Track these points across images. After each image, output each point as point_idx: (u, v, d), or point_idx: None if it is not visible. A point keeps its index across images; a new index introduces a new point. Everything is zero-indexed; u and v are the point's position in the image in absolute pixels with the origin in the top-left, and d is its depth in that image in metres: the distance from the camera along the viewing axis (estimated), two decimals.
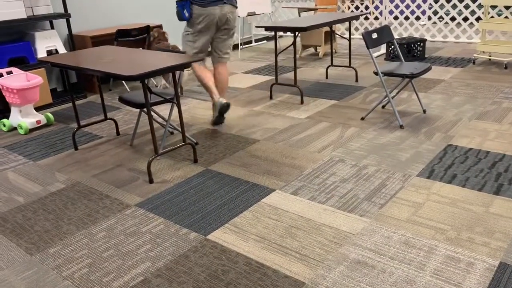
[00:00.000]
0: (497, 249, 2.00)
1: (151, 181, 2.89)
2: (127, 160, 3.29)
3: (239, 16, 6.83)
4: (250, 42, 7.95)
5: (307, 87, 4.91)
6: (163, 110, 4.34)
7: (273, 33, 7.22)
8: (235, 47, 7.49)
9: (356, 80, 5.01)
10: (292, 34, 5.98)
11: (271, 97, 4.61)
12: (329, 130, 3.60)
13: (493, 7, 5.79)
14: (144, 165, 3.17)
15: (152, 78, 5.58)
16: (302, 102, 4.37)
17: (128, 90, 5.31)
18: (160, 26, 5.72)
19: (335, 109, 4.09)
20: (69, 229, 2.43)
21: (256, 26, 4.36)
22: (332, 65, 5.35)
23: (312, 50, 6.98)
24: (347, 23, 7.33)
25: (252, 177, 2.87)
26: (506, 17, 5.52)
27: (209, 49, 3.86)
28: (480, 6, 5.66)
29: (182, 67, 2.85)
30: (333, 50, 6.64)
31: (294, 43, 4.37)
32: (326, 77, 5.27)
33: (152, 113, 3.56)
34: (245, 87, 5.08)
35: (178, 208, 2.54)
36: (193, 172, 3.00)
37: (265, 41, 8.14)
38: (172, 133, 3.77)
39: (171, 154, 3.32)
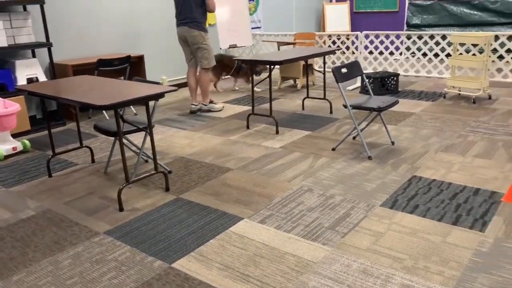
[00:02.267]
0: (450, 277, 2.08)
1: (121, 209, 2.93)
2: (100, 187, 3.32)
3: (220, 48, 7.02)
4: None
5: (284, 117, 5.04)
6: (140, 138, 4.41)
7: None
8: None
9: (331, 112, 5.16)
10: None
11: (247, 127, 4.71)
12: (301, 160, 3.69)
13: (462, 44, 6.07)
14: (116, 193, 3.20)
15: (132, 107, 5.66)
16: (277, 132, 4.48)
17: (107, 118, 5.37)
18: (141, 57, 5.85)
19: (309, 140, 4.20)
20: (35, 256, 2.43)
21: (234, 59, 4.49)
22: (308, 97, 5.51)
23: (291, 82, 7.17)
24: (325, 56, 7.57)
25: (222, 205, 2.93)
26: (474, 54, 5.79)
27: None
28: (449, 43, 5.94)
29: (156, 97, 2.93)
30: (311, 83, 6.83)
31: (269, 76, 4.52)
32: (303, 109, 5.42)
33: (126, 141, 3.62)
34: (223, 117, 5.19)
35: (145, 237, 2.58)
36: (164, 200, 3.04)
37: None
38: (147, 161, 3.82)
39: (144, 182, 3.36)
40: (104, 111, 5.55)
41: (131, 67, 5.74)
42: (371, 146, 3.91)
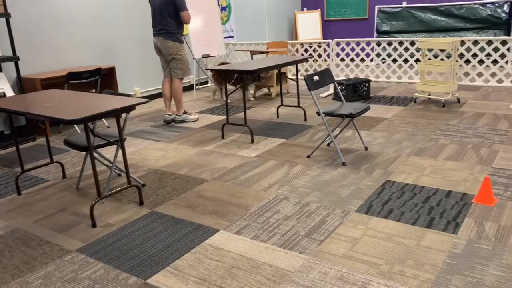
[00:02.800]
0: (425, 281, 2.10)
1: (94, 225, 2.86)
2: (71, 204, 3.24)
3: (194, 58, 7.00)
4: (207, 82, 8.11)
5: (259, 126, 5.05)
6: (113, 151, 4.33)
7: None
8: (191, 87, 7.61)
9: (305, 119, 5.20)
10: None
11: (222, 137, 4.69)
12: (277, 168, 3.69)
13: (430, 50, 6.23)
14: (88, 208, 3.13)
15: (104, 119, 5.57)
16: (252, 141, 4.48)
17: (79, 132, 5.26)
18: (112, 68, 5.77)
19: (284, 148, 4.21)
20: (3, 278, 2.34)
21: (206, 69, 4.48)
22: (282, 105, 5.54)
23: (265, 90, 7.20)
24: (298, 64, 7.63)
25: (197, 218, 2.89)
26: (442, 59, 5.95)
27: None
28: (418, 49, 6.08)
29: (127, 109, 2.89)
30: (285, 91, 6.88)
31: (243, 85, 4.52)
32: (277, 117, 5.44)
33: (98, 155, 3.55)
34: (198, 127, 5.15)
35: (119, 252, 2.52)
36: (138, 214, 2.99)
37: None
38: (120, 174, 3.75)
39: (117, 197, 3.30)
40: (75, 125, 5.44)
41: (103, 79, 5.66)
42: (345, 152, 3.95)
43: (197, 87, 7.74)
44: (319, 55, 8.61)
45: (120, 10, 6.33)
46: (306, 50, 7.17)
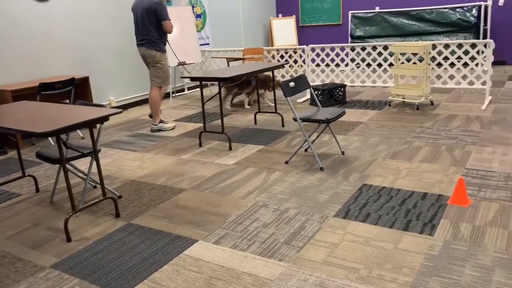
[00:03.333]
0: (403, 284, 2.12)
1: (69, 240, 2.78)
2: (45, 218, 3.15)
3: (170, 66, 6.95)
4: (183, 90, 8.06)
5: (236, 133, 5.03)
6: (88, 163, 4.24)
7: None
8: (167, 95, 7.55)
9: (283, 125, 5.21)
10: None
11: (200, 145, 4.66)
12: (255, 175, 3.68)
13: (403, 54, 6.34)
14: (62, 222, 3.05)
15: (78, 130, 5.46)
16: (230, 149, 4.46)
17: (53, 143, 5.14)
18: (86, 78, 5.67)
19: (262, 154, 4.21)
20: None
21: (182, 77, 4.45)
22: (260, 111, 5.54)
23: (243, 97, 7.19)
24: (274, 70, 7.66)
25: (175, 228, 2.85)
26: (414, 63, 6.06)
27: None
28: (391, 54, 6.19)
29: (100, 120, 2.84)
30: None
31: (219, 92, 4.51)
32: (255, 123, 5.44)
33: (72, 168, 3.47)
34: (174, 136, 5.11)
35: (95, 267, 2.46)
36: (114, 227, 2.93)
37: (197, 89, 8.28)
38: (95, 187, 3.67)
39: (93, 209, 3.23)
40: (49, 137, 5.31)
41: (77, 89, 5.56)
42: (322, 157, 3.97)
43: (173, 95, 7.68)
44: (295, 61, 8.67)
45: (94, 19, 6.24)
46: (282, 56, 7.21)
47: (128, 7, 6.75)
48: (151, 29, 5.02)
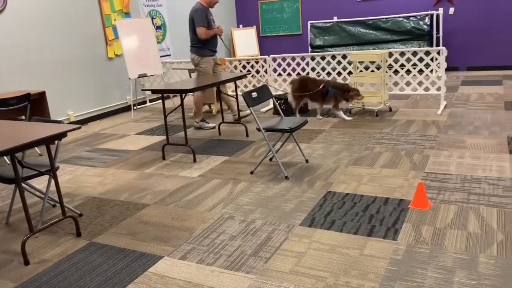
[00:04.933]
0: None
1: (26, 263, 2.66)
2: (1, 241, 3.00)
3: (129, 78, 6.83)
4: (145, 102, 7.94)
5: (200, 144, 4.99)
6: (45, 181, 4.09)
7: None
8: (128, 108, 7.41)
9: (247, 135, 5.21)
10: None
11: (163, 158, 4.59)
12: (220, 186, 3.66)
13: (361, 62, 6.51)
14: (19, 245, 2.91)
15: (36, 148, 5.25)
16: (194, 161, 4.41)
17: (8, 162, 4.92)
18: (43, 93, 5.48)
19: (227, 165, 4.19)
20: None
21: (143, 90, 4.38)
22: (223, 121, 5.53)
23: (206, 107, 7.16)
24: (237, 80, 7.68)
25: (139, 245, 2.78)
26: (372, 70, 6.24)
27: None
28: (350, 62, 6.35)
29: (58, 137, 2.74)
30: (226, 107, 6.87)
31: (181, 104, 4.47)
32: (219, 134, 5.41)
33: (29, 187, 3.33)
34: (136, 149, 5.01)
35: None
36: (75, 247, 2.82)
37: (159, 101, 8.18)
38: (54, 205, 3.54)
39: (52, 230, 3.10)
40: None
41: (32, 105, 5.37)
42: (287, 166, 3.99)
43: (135, 107, 7.55)
44: (257, 71, 8.72)
45: (50, 32, 6.06)
46: (244, 67, 7.24)
47: (86, 20, 6.60)
48: (192, 34, 5.59)
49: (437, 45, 8.25)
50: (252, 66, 7.17)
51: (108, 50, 7.04)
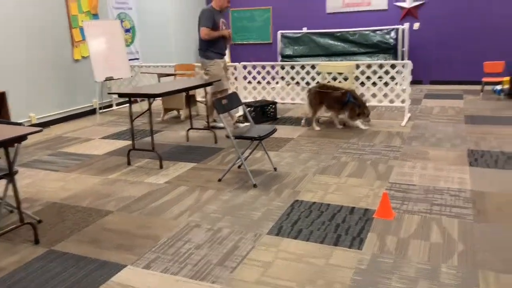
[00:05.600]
0: None
1: None
2: None
3: (96, 81, 6.67)
4: (111, 105, 7.76)
5: (168, 150, 4.91)
6: (2, 186, 3.90)
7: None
8: (93, 111, 7.22)
9: (215, 142, 5.18)
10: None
11: (129, 163, 4.48)
12: (187, 194, 3.60)
13: (329, 73, 6.63)
14: None
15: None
16: (161, 167, 4.34)
17: None
18: (2, 94, 5.26)
19: (194, 172, 4.14)
20: None
21: (109, 93, 4.28)
22: (192, 128, 5.47)
23: (174, 113, 7.08)
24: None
25: (102, 253, 2.69)
26: (340, 81, 6.35)
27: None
28: (319, 72, 6.44)
29: (17, 140, 2.63)
30: (195, 113, 6.82)
31: (149, 109, 4.39)
32: (187, 140, 5.35)
33: None
34: (101, 154, 4.87)
35: None
36: (33, 255, 2.70)
37: (126, 105, 8.02)
38: (11, 211, 3.38)
39: (9, 237, 2.96)
40: None
41: None
42: (255, 174, 3.98)
43: (100, 111, 7.36)
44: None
45: (13, 32, 5.83)
46: None
47: (51, 20, 6.41)
48: (199, 37, 5.46)
49: (402, 58, 8.49)
50: None
51: (75, 51, 6.86)
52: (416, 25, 8.71)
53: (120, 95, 4.40)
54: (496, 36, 8.20)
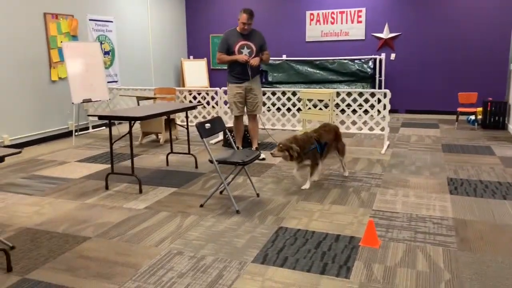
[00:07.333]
0: None
1: None
2: None
3: (73, 103, 6.54)
4: (87, 128, 7.60)
5: (147, 175, 4.80)
6: None
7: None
8: (69, 134, 7.05)
9: (196, 167, 5.10)
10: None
11: (107, 188, 4.35)
12: (168, 220, 3.50)
13: (310, 100, 6.70)
14: None
15: None
16: (141, 191, 4.22)
17: None
18: None
19: (175, 197, 4.04)
20: None
21: (88, 115, 4.18)
22: (172, 152, 5.39)
23: (153, 136, 6.97)
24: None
25: (79, 282, 2.56)
26: (320, 108, 6.42)
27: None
28: (299, 99, 6.50)
29: None
30: (174, 137, 6.74)
31: (130, 132, 4.30)
32: (167, 164, 5.26)
33: None
34: (78, 178, 4.72)
35: None
36: (5, 284, 2.54)
37: (103, 127, 7.87)
38: None
39: None
40: None
41: None
42: (238, 199, 3.92)
43: (76, 133, 7.19)
44: (208, 103, 8.70)
45: None
46: (194, 97, 7.19)
47: (29, 40, 6.29)
48: None
49: (380, 87, 8.69)
50: (202, 97, 7.13)
51: (52, 72, 6.73)
52: (393, 56, 8.96)
53: (101, 117, 4.30)
54: (470, 68, 8.51)
